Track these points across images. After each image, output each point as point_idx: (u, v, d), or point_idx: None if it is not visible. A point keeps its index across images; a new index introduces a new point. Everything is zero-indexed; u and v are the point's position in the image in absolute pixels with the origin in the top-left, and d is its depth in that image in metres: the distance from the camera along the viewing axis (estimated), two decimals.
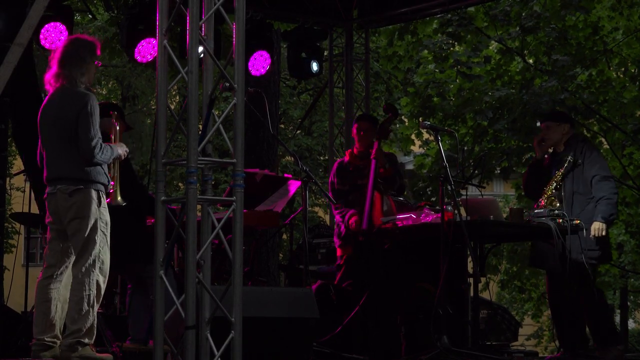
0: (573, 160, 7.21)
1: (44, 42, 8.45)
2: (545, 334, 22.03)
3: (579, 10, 12.49)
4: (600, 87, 13.47)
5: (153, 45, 8.83)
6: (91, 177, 5.64)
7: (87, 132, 5.59)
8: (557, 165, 7.32)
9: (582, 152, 7.27)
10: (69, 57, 5.74)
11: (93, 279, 5.59)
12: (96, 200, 5.65)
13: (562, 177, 7.23)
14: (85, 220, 5.62)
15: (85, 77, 5.76)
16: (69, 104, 5.66)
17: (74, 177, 5.65)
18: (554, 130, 7.39)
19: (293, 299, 6.05)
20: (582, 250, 6.98)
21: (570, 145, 7.35)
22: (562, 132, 7.38)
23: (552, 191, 7.23)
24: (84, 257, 5.60)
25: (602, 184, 7.18)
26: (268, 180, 7.97)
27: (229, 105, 4.80)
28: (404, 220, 6.95)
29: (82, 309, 5.56)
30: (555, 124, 7.40)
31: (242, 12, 4.78)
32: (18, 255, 20.11)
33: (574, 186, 7.22)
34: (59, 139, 5.68)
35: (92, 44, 5.84)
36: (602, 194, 7.15)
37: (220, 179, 18.95)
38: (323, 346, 6.61)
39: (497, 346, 7.90)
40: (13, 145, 16.31)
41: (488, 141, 13.66)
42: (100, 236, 5.65)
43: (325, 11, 10.61)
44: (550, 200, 7.19)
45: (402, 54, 14.23)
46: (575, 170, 7.23)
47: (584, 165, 7.23)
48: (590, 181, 7.20)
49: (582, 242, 6.99)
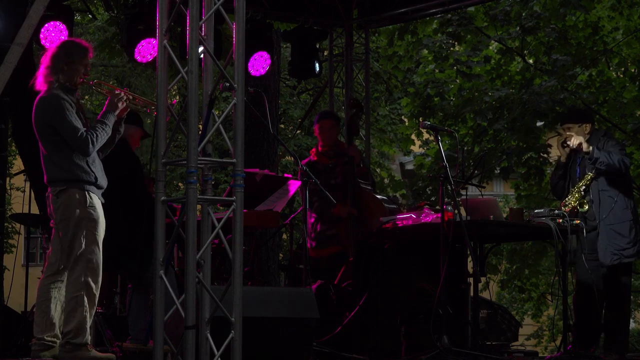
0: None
1: (44, 42, 8.44)
2: (545, 333, 22.00)
3: (578, 10, 12.48)
4: (600, 87, 13.46)
5: (153, 45, 8.83)
6: (75, 177, 5.64)
7: (68, 132, 5.61)
8: (582, 165, 7.22)
9: (603, 147, 7.15)
10: (52, 58, 5.77)
11: (81, 279, 5.58)
12: (81, 200, 5.63)
13: (590, 180, 7.14)
14: (69, 221, 5.63)
15: (65, 75, 5.75)
16: (40, 110, 5.70)
17: (58, 178, 5.68)
18: (576, 131, 7.25)
19: (293, 299, 6.05)
20: (582, 251, 7.00)
21: (592, 143, 7.20)
22: (585, 132, 7.26)
23: (581, 193, 7.16)
24: (70, 258, 5.62)
25: (613, 155, 7.05)
26: (268, 180, 7.96)
27: (229, 105, 4.80)
28: (404, 220, 6.95)
29: (71, 310, 5.56)
30: (577, 126, 7.26)
31: (242, 12, 4.78)
32: (18, 255, 20.12)
33: (599, 185, 7.13)
34: (43, 142, 5.73)
35: (81, 46, 5.85)
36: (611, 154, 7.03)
37: (220, 178, 18.94)
38: (323, 346, 6.60)
39: (497, 346, 7.89)
40: (13, 145, 16.31)
41: (488, 141, 13.66)
42: (87, 236, 5.63)
43: (325, 11, 10.60)
44: (581, 203, 7.14)
45: (402, 54, 14.23)
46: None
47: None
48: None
49: (582, 244, 7.02)
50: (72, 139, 5.60)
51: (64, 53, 5.77)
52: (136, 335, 6.59)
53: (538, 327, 22.46)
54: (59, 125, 5.62)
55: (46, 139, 5.68)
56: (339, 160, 7.90)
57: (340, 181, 7.81)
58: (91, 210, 5.67)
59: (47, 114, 5.66)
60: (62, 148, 5.65)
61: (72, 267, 5.61)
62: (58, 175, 5.66)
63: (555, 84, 12.63)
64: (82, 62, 5.79)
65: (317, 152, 8.00)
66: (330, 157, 7.93)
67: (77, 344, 5.53)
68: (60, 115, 5.62)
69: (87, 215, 5.65)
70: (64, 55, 5.76)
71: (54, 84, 5.72)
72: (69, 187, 5.63)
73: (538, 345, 22.04)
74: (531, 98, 12.59)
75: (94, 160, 5.74)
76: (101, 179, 5.77)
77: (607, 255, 7.03)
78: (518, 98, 12.90)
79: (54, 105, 5.64)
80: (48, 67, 5.75)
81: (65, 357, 5.54)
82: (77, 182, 5.64)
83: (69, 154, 5.64)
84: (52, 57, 5.77)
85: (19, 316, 7.64)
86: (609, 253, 7.04)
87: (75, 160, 5.64)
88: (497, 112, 13.30)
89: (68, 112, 5.63)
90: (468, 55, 13.63)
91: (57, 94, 5.67)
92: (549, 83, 12.68)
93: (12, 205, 18.78)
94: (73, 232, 5.62)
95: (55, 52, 5.78)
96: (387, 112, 18.94)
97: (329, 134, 7.95)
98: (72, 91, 5.77)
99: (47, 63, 5.76)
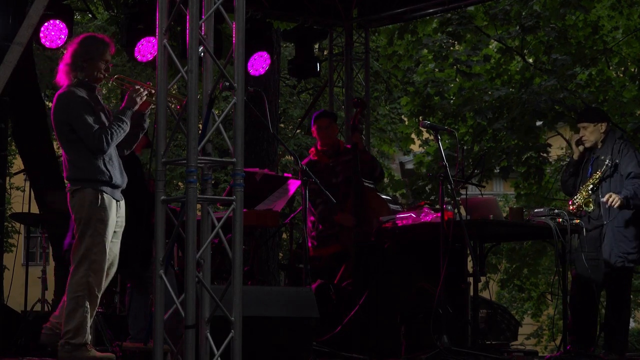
0: (612, 165, 7.10)
1: (44, 41, 8.43)
2: (545, 333, 22.00)
3: (578, 9, 12.49)
4: (600, 87, 13.46)
5: (153, 43, 8.82)
6: (89, 176, 5.61)
7: (82, 129, 5.58)
8: (595, 165, 7.20)
9: (620, 151, 7.14)
10: (72, 55, 5.75)
11: (83, 280, 5.58)
12: (93, 200, 5.61)
13: (599, 180, 7.13)
14: (80, 220, 5.62)
15: (85, 72, 5.72)
16: (57, 108, 5.67)
17: (73, 177, 5.66)
18: (591, 130, 7.23)
19: (293, 299, 6.05)
20: (583, 251, 7.01)
21: (607, 143, 7.21)
22: (600, 131, 7.22)
23: (589, 192, 7.15)
24: (75, 258, 5.62)
25: (633, 180, 7.03)
26: (268, 179, 7.96)
27: (229, 105, 4.80)
28: (404, 219, 6.95)
29: (71, 310, 5.57)
30: (592, 125, 7.23)
31: (242, 11, 4.78)
32: (18, 254, 20.12)
33: (612, 187, 7.10)
34: (61, 140, 5.70)
35: (101, 42, 5.79)
36: (632, 186, 7.00)
37: (220, 178, 18.93)
38: (323, 345, 6.60)
39: (497, 346, 7.89)
40: (13, 145, 16.31)
41: (487, 140, 13.66)
42: (94, 236, 5.61)
43: (325, 11, 10.60)
44: (587, 202, 7.14)
45: (402, 53, 14.23)
46: (613, 171, 7.13)
47: (621, 164, 7.11)
48: (623, 176, 7.09)
49: (582, 243, 7.02)
50: (86, 136, 5.57)
51: (83, 49, 5.72)
52: (136, 334, 6.59)
53: (538, 327, 22.46)
54: (74, 122, 5.59)
55: (64, 137, 5.65)
56: (340, 158, 7.89)
57: (341, 180, 7.80)
58: (102, 211, 5.63)
59: (63, 111, 5.63)
60: (79, 147, 5.62)
61: (76, 266, 5.61)
62: (73, 175, 5.64)
63: (555, 84, 12.64)
64: (102, 59, 5.74)
65: (316, 152, 7.98)
66: (330, 156, 7.92)
67: (76, 344, 5.53)
68: (75, 112, 5.59)
69: (96, 216, 5.62)
70: (83, 52, 5.71)
71: (72, 81, 5.70)
72: (83, 187, 5.61)
73: (538, 345, 22.04)
74: (531, 97, 12.60)
75: (111, 158, 5.70)
76: (118, 177, 5.71)
77: (612, 256, 7.05)
78: (518, 97, 12.91)
79: (69, 102, 5.61)
80: (68, 64, 5.72)
81: (65, 357, 5.54)
82: (90, 181, 5.61)
83: (85, 153, 5.61)
84: (71, 54, 5.73)
85: (19, 316, 7.63)
86: (614, 255, 7.05)
87: (90, 159, 5.61)
88: (497, 112, 13.31)
89: (84, 109, 5.61)
90: (468, 54, 13.64)
91: (74, 90, 5.65)
92: (548, 82, 12.68)
93: (12, 204, 18.78)
94: (81, 232, 5.61)
95: (74, 49, 5.74)
96: (386, 111, 18.94)
97: (327, 133, 7.93)
98: (92, 88, 5.74)
99: (67, 60, 5.73)
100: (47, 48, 8.59)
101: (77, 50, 5.74)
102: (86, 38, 5.85)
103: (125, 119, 5.72)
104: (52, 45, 8.47)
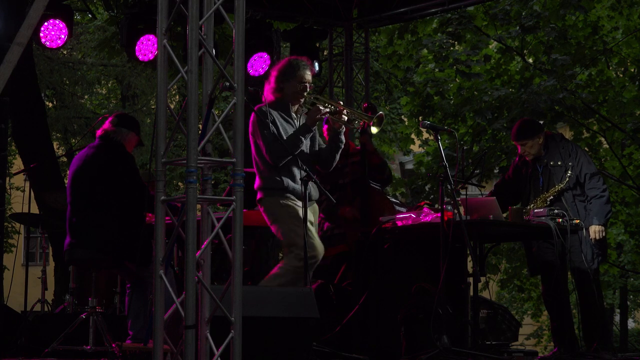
0: (573, 174, 7.28)
1: (44, 41, 8.43)
2: (545, 333, 22.02)
3: (578, 10, 12.50)
4: (600, 87, 13.48)
5: (153, 42, 8.81)
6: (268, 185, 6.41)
7: (261, 145, 6.31)
8: (546, 173, 7.35)
9: (570, 154, 7.34)
10: (274, 75, 6.31)
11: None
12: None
13: (559, 192, 7.28)
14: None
15: (281, 92, 6.30)
16: (249, 123, 6.30)
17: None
18: (531, 145, 7.41)
19: (293, 299, 6.04)
20: (581, 251, 7.03)
21: (551, 149, 7.39)
22: (539, 142, 7.41)
23: (546, 202, 7.28)
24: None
25: (591, 182, 7.27)
26: None
27: (228, 105, 4.80)
28: (404, 219, 6.95)
29: None
30: (531, 140, 7.40)
31: (242, 11, 4.78)
32: (18, 254, 20.14)
33: (573, 190, 7.30)
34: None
35: (296, 64, 6.30)
36: (593, 193, 7.22)
37: (220, 178, 18.95)
38: (323, 346, 6.60)
39: (497, 346, 7.89)
40: (13, 145, 16.32)
41: (487, 140, 13.67)
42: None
43: (325, 11, 10.61)
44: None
45: (402, 53, 14.25)
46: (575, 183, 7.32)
47: (575, 167, 7.31)
48: (582, 180, 7.29)
49: (583, 243, 7.04)
50: (266, 151, 6.15)
51: (280, 71, 6.20)
52: (136, 334, 6.59)
53: (538, 327, 22.49)
54: (256, 138, 6.17)
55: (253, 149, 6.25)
56: (347, 160, 7.88)
57: (349, 181, 7.78)
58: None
59: (250, 127, 6.21)
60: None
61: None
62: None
63: (554, 84, 12.65)
64: (297, 79, 6.19)
65: None
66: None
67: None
68: (258, 130, 6.13)
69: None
70: (280, 74, 6.19)
71: (268, 99, 6.18)
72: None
73: (538, 345, 22.07)
74: (530, 97, 12.61)
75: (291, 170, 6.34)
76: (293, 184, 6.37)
77: (588, 258, 7.17)
78: (517, 97, 12.92)
79: (254, 120, 6.14)
80: (269, 82, 6.22)
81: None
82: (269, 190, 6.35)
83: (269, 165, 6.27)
84: (274, 73, 6.22)
85: (19, 316, 7.63)
86: (589, 256, 7.18)
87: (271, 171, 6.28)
88: (497, 112, 13.32)
89: (266, 127, 6.05)
90: (468, 54, 13.65)
91: (263, 109, 6.12)
92: (548, 82, 12.70)
93: (12, 204, 18.81)
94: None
95: (276, 69, 6.24)
96: (386, 111, 18.95)
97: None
98: (286, 107, 6.22)
99: (271, 79, 6.24)
100: (47, 48, 8.59)
101: (277, 70, 6.29)
102: (287, 60, 6.36)
103: (299, 135, 6.24)
104: (52, 45, 8.46)
